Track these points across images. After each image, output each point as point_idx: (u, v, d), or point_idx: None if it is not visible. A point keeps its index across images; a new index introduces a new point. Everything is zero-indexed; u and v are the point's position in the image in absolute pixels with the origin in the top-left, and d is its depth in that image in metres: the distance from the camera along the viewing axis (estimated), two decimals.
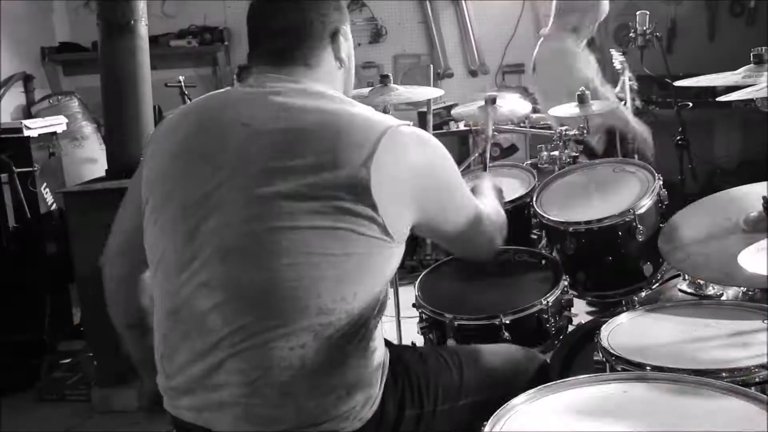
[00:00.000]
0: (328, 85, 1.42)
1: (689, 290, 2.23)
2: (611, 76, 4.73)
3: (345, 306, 1.27)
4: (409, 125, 1.36)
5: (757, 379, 1.29)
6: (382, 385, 1.36)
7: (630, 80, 3.49)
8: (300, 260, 1.24)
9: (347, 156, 1.25)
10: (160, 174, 1.37)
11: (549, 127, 3.22)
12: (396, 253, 1.34)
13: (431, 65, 3.94)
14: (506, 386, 1.48)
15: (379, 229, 1.27)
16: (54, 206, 3.50)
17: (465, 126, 4.56)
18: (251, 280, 1.25)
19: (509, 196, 2.33)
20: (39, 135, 3.42)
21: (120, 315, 1.57)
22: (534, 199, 2.22)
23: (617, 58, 3.51)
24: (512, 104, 2.64)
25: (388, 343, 1.46)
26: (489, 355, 1.57)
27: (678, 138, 3.53)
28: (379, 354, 1.37)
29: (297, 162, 1.26)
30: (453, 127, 4.66)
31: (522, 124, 3.86)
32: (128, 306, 1.55)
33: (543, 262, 2.11)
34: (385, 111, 2.58)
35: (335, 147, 1.26)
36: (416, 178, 1.33)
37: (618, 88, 3.51)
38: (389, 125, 1.31)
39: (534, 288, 1.98)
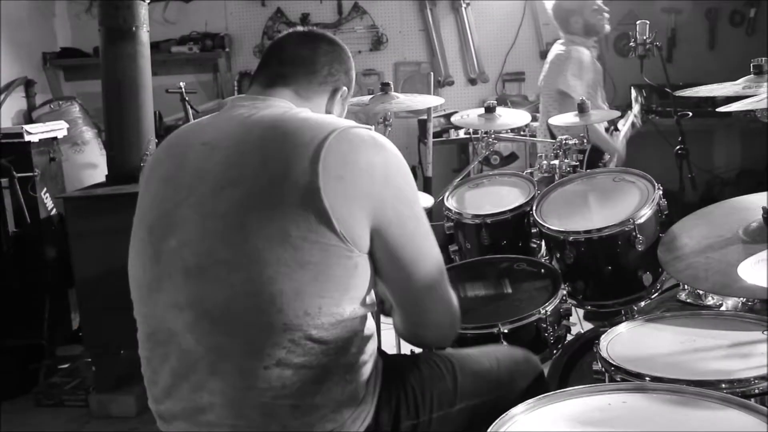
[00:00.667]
0: None
1: (689, 300, 2.23)
2: (612, 87, 4.77)
3: (311, 321, 1.23)
4: (369, 129, 1.33)
5: (756, 391, 1.29)
6: (375, 399, 1.34)
7: (635, 117, 3.55)
8: (256, 274, 1.21)
9: (294, 157, 1.23)
10: (138, 204, 1.41)
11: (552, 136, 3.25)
12: (360, 264, 1.28)
13: (432, 73, 3.94)
14: (501, 387, 1.49)
15: (335, 237, 1.22)
16: (54, 211, 3.50)
17: (465, 134, 4.57)
18: (214, 298, 1.24)
19: (509, 204, 2.33)
20: (40, 140, 3.42)
21: None
22: (534, 208, 2.22)
23: (634, 98, 3.57)
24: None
25: (380, 352, 1.44)
26: (482, 357, 1.55)
27: (678, 147, 3.53)
28: (369, 368, 1.35)
29: (247, 171, 1.26)
30: (453, 134, 4.66)
31: (522, 133, 3.88)
32: None
33: (542, 271, 2.11)
34: (385, 119, 2.59)
35: (283, 150, 1.25)
36: (368, 178, 1.26)
37: (623, 120, 3.56)
38: (340, 126, 1.29)
39: (533, 297, 1.98)
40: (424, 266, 1.34)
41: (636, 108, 3.54)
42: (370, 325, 1.37)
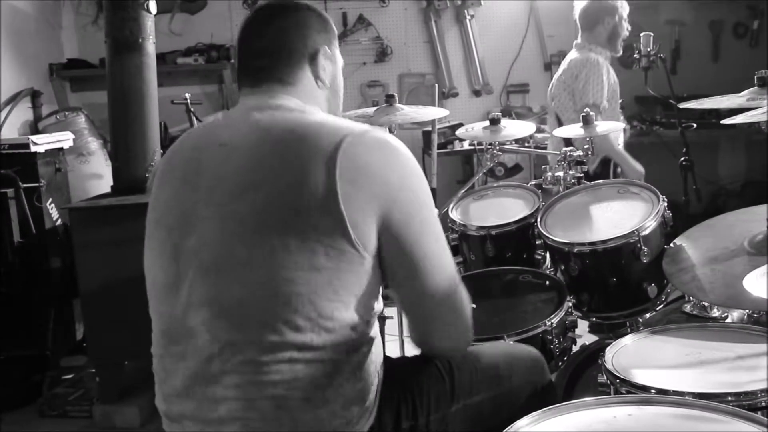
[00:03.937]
0: (308, 103, 1.43)
1: (694, 312, 2.22)
2: None
3: (324, 323, 1.26)
4: (384, 131, 1.35)
5: (763, 404, 1.28)
6: (378, 397, 1.36)
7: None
8: (272, 276, 1.24)
9: (312, 163, 1.25)
10: (152, 204, 1.43)
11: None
12: (372, 270, 1.30)
13: (436, 84, 3.95)
14: (502, 383, 1.49)
15: (349, 243, 1.24)
16: (59, 221, 3.51)
17: (469, 145, 4.58)
18: (230, 296, 1.27)
19: (514, 216, 2.33)
20: (45, 150, 3.43)
21: None
22: (538, 219, 2.22)
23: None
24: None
25: (385, 357, 1.46)
26: (480, 354, 1.53)
27: (682, 159, 3.54)
28: (375, 367, 1.37)
29: (266, 175, 1.28)
30: (457, 146, 4.67)
31: (526, 144, 3.87)
32: None
33: (547, 282, 2.11)
34: (390, 131, 2.59)
35: (300, 155, 1.27)
36: (380, 182, 1.27)
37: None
38: (354, 129, 1.30)
39: (538, 309, 1.98)
40: (431, 271, 1.33)
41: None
42: (376, 327, 1.39)
